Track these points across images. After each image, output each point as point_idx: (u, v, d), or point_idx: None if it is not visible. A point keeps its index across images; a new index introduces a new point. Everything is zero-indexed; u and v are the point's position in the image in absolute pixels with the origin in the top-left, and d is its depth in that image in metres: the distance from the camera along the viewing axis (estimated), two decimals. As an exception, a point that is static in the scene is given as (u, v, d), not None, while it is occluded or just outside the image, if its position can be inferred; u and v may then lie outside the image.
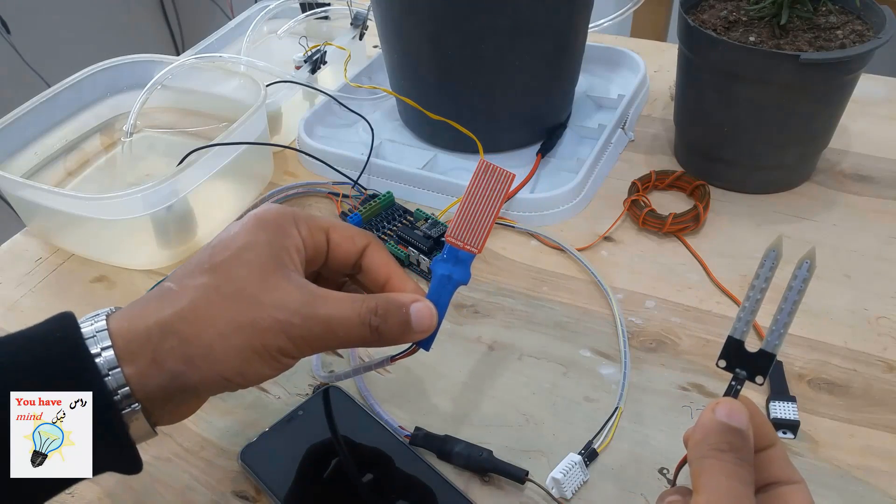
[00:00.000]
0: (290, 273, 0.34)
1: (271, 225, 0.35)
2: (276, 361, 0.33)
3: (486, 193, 0.35)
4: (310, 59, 0.73)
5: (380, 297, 0.35)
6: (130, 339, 0.32)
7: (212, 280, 0.33)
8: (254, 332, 0.32)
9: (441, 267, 0.36)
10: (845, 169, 0.64)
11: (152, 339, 0.32)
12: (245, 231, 0.35)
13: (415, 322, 0.35)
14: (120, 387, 0.31)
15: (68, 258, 0.62)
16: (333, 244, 0.37)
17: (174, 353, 0.32)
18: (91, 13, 1.76)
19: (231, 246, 0.34)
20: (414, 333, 0.35)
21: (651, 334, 0.51)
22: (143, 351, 0.32)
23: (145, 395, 0.32)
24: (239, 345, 0.32)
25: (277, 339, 0.33)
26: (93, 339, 0.32)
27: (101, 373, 0.31)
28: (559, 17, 0.61)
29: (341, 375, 0.39)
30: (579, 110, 0.73)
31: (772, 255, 0.28)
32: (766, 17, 0.57)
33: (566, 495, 0.41)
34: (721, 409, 0.29)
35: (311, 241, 0.36)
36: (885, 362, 0.48)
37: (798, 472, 0.30)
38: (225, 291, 0.33)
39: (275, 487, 0.42)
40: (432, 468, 0.42)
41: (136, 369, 0.32)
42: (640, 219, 0.59)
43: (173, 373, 0.32)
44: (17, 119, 0.62)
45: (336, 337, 0.34)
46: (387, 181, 0.65)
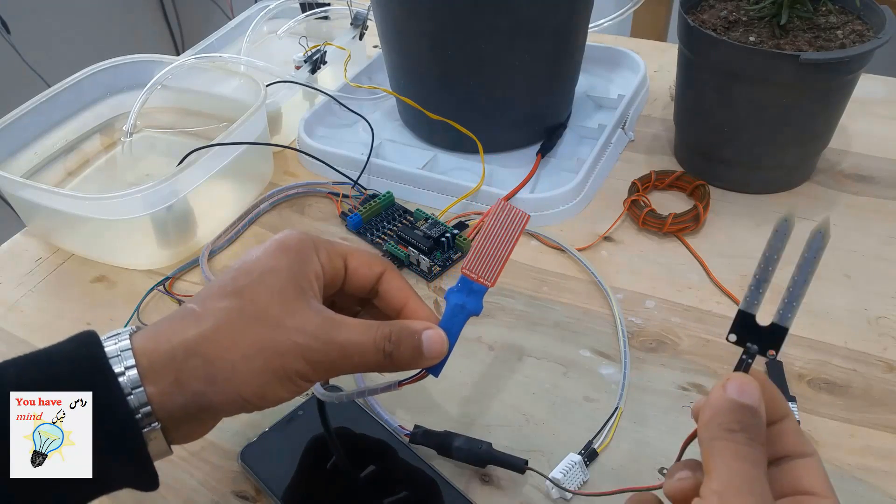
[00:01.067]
0: (310, 299, 0.35)
1: (293, 251, 0.36)
2: (293, 384, 0.34)
3: (501, 231, 0.37)
4: (310, 59, 0.73)
5: (394, 325, 0.36)
6: (154, 359, 0.33)
7: (235, 303, 0.34)
8: (274, 354, 0.33)
9: (455, 297, 0.37)
10: (845, 169, 0.64)
11: (176, 359, 0.33)
12: (267, 256, 0.36)
13: (426, 349, 0.36)
14: (142, 405, 0.32)
15: (68, 258, 0.62)
16: (351, 270, 0.38)
17: (197, 374, 0.32)
18: (91, 13, 1.76)
19: (254, 270, 0.35)
20: (425, 360, 0.36)
21: (651, 334, 0.51)
22: (166, 371, 0.32)
23: (166, 415, 0.32)
24: (260, 367, 0.33)
25: (296, 362, 0.33)
26: (117, 359, 0.32)
27: (125, 392, 0.32)
28: (559, 17, 0.61)
29: (345, 396, 0.40)
30: (579, 110, 0.73)
31: (784, 225, 0.27)
32: (766, 17, 0.57)
33: (566, 495, 0.41)
34: (732, 385, 0.28)
35: (330, 267, 0.37)
36: (885, 362, 0.48)
37: (811, 444, 0.29)
38: (248, 314, 0.34)
39: (275, 487, 0.42)
40: (432, 468, 0.42)
41: (159, 388, 0.32)
42: (640, 219, 0.59)
43: (195, 393, 0.33)
44: (17, 119, 0.62)
45: (351, 362, 0.35)
46: (387, 181, 0.65)
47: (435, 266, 0.56)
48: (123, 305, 0.56)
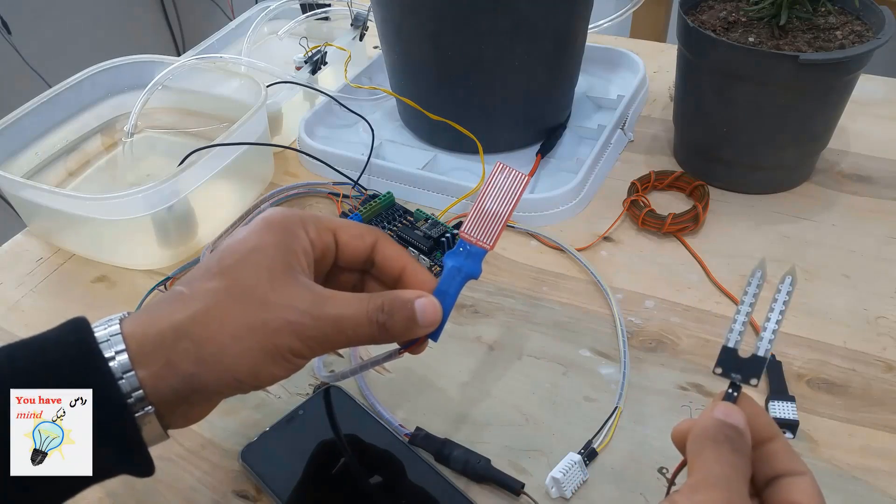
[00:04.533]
0: (298, 275, 0.34)
1: (278, 228, 0.35)
2: (287, 362, 0.34)
3: (500, 193, 0.36)
4: (310, 60, 0.73)
5: (386, 295, 0.35)
6: (144, 343, 0.32)
7: (222, 283, 0.33)
8: (265, 333, 0.33)
9: (452, 260, 0.37)
10: (844, 169, 0.64)
11: (166, 342, 0.32)
12: (253, 234, 0.35)
13: (420, 318, 0.35)
14: (134, 390, 0.32)
15: (69, 258, 0.62)
16: (342, 243, 0.37)
17: (188, 356, 0.32)
18: (92, 13, 1.76)
19: (239, 250, 0.35)
20: (420, 328, 0.36)
21: (650, 334, 0.51)
22: (157, 354, 0.32)
23: (159, 398, 0.32)
24: (251, 346, 0.33)
25: (288, 339, 0.33)
26: (106, 343, 0.32)
27: (115, 377, 0.31)
28: (559, 18, 0.61)
29: (345, 374, 0.39)
30: (579, 111, 0.73)
31: (758, 274, 0.30)
32: (765, 17, 0.57)
33: (566, 494, 0.41)
34: (719, 409, 0.30)
35: (320, 242, 0.36)
36: (884, 362, 0.48)
37: (804, 464, 0.29)
38: (235, 294, 0.33)
39: (275, 487, 0.42)
40: (432, 468, 0.43)
41: (150, 372, 0.32)
42: (639, 219, 0.59)
43: (187, 375, 0.32)
44: (18, 119, 0.62)
45: (345, 336, 0.34)
46: (387, 181, 0.65)
47: (435, 266, 0.56)
48: (124, 305, 0.56)
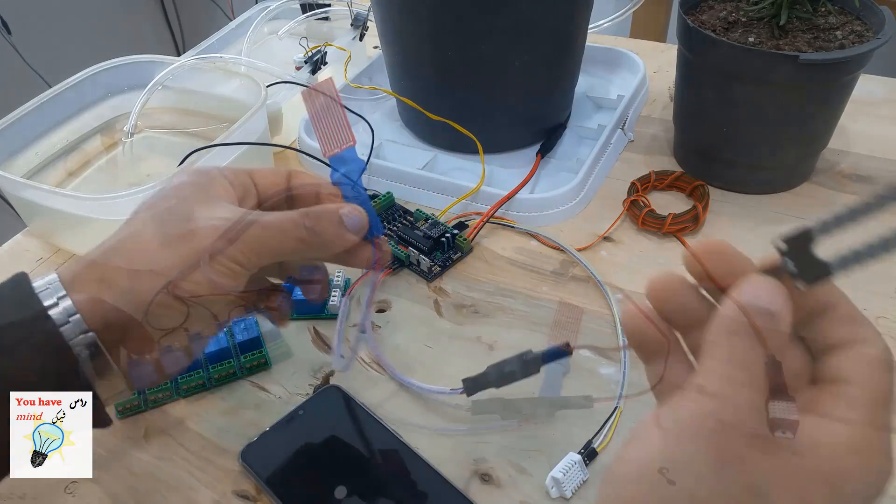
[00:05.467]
0: (221, 201, 0.36)
1: (194, 172, 0.38)
2: (220, 266, 0.34)
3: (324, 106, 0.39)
4: (310, 60, 0.73)
5: (311, 207, 0.37)
6: (77, 271, 0.33)
7: (146, 214, 0.36)
8: (195, 238, 0.34)
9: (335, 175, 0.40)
10: (844, 169, 0.64)
11: (97, 264, 0.33)
12: (171, 183, 0.37)
13: (347, 221, 0.37)
14: (70, 315, 0.31)
15: (69, 258, 0.62)
16: (259, 181, 0.40)
17: (121, 272, 0.33)
18: (91, 13, 1.76)
19: (160, 194, 0.37)
20: (349, 233, 0.38)
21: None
22: (89, 275, 0.33)
23: (100, 323, 0.32)
24: (182, 251, 0.34)
25: (219, 242, 0.34)
26: (41, 283, 0.33)
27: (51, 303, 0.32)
28: (559, 18, 0.61)
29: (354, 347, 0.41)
30: (579, 111, 0.73)
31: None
32: (765, 17, 0.57)
33: (566, 494, 0.41)
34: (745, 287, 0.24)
35: (238, 181, 0.38)
36: (884, 362, 0.48)
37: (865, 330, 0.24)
38: (162, 216, 0.35)
39: (275, 487, 0.42)
40: (432, 468, 0.43)
41: (86, 295, 0.32)
42: (639, 219, 0.59)
43: (123, 291, 0.33)
44: (17, 119, 0.62)
45: (276, 239, 0.36)
46: (387, 181, 0.65)
47: (435, 266, 0.56)
48: (124, 305, 0.56)
